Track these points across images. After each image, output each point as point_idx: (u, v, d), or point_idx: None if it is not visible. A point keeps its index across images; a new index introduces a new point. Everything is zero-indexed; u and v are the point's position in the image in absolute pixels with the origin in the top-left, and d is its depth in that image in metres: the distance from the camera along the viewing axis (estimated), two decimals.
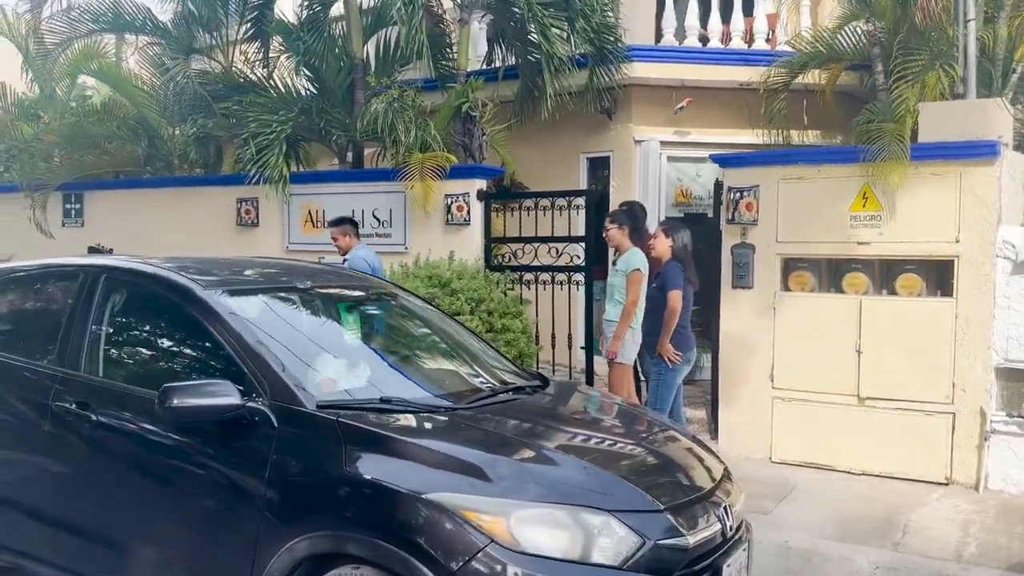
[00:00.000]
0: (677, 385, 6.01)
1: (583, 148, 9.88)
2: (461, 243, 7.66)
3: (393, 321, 4.50)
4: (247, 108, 8.25)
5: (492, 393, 3.83)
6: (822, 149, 6.85)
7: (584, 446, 3.45)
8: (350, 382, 3.64)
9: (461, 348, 4.49)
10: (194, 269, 4.01)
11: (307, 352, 3.68)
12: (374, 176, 8.13)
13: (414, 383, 3.83)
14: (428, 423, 3.36)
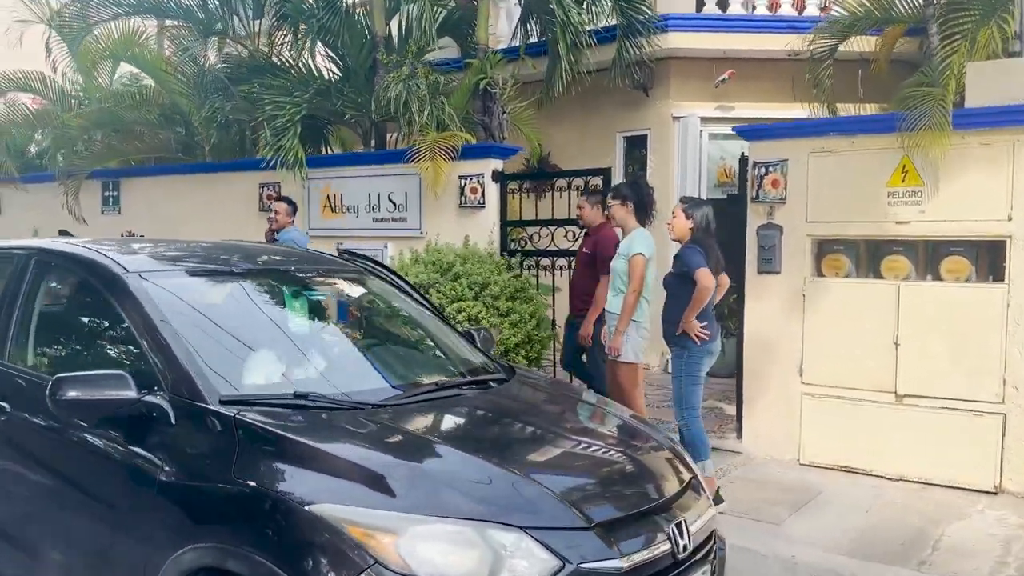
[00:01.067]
0: (701, 379, 5.19)
1: (619, 126, 9.37)
2: (475, 227, 7.27)
3: (353, 307, 4.15)
4: (264, 90, 8.03)
5: (437, 388, 3.44)
6: (856, 118, 6.19)
7: (515, 450, 3.03)
8: (271, 375, 3.30)
9: (424, 337, 4.14)
10: (126, 251, 3.77)
11: (226, 341, 3.35)
12: (388, 158, 7.81)
13: (348, 375, 3.45)
14: (338, 422, 2.98)
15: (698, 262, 4.94)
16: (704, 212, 5.12)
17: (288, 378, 3.29)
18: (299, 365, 3.41)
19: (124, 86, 10.81)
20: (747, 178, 6.06)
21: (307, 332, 3.73)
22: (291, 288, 3.88)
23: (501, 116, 7.83)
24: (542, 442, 3.16)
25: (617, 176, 9.36)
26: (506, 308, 6.54)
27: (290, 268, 4.03)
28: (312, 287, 4.00)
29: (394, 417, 3.06)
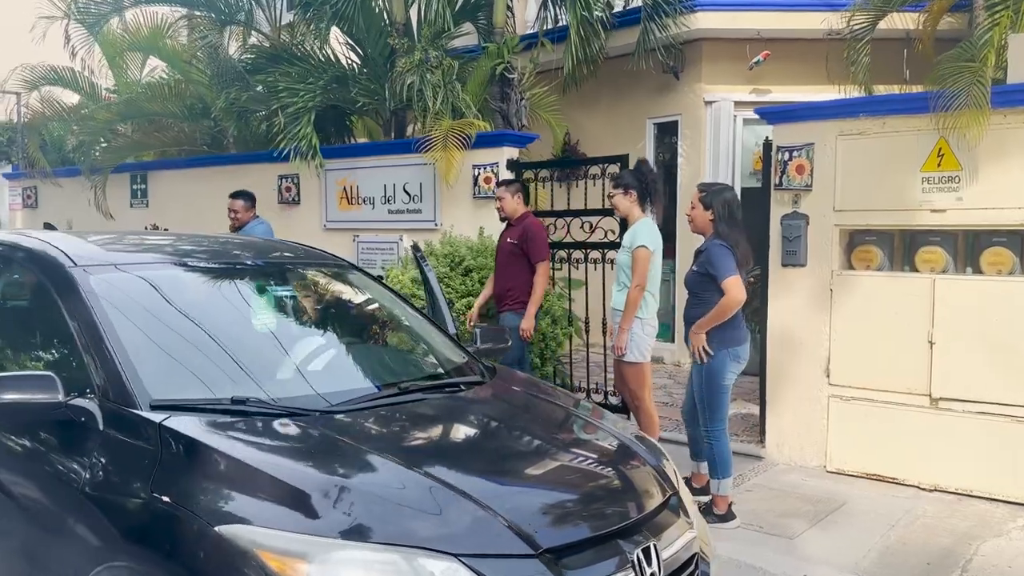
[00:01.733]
0: (727, 388, 4.60)
1: (649, 112, 8.99)
2: (491, 218, 6.97)
3: (327, 304, 3.91)
4: (279, 79, 7.86)
5: (400, 392, 3.17)
6: (887, 97, 5.72)
7: (464, 464, 2.73)
8: (217, 378, 3.06)
9: (401, 335, 3.90)
10: (83, 244, 3.59)
11: (172, 341, 3.13)
12: (403, 148, 7.55)
13: (305, 378, 3.21)
14: (273, 431, 2.74)
15: (728, 267, 4.41)
16: (725, 199, 4.58)
17: (236, 381, 3.05)
18: (252, 366, 3.16)
19: (152, 79, 10.76)
20: (771, 164, 5.66)
21: (268, 331, 3.48)
22: (256, 283, 3.66)
23: (519, 103, 7.53)
24: (497, 456, 2.86)
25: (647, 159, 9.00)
26: None
27: (259, 262, 3.79)
28: (280, 282, 3.77)
29: (337, 425, 2.79)
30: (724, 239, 4.51)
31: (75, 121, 10.35)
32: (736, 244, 4.53)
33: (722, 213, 4.56)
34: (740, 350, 4.58)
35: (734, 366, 4.58)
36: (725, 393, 4.61)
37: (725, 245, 4.49)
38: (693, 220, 4.72)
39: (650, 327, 5.13)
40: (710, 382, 4.60)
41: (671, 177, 8.94)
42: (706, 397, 4.64)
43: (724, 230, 4.54)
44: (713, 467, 4.61)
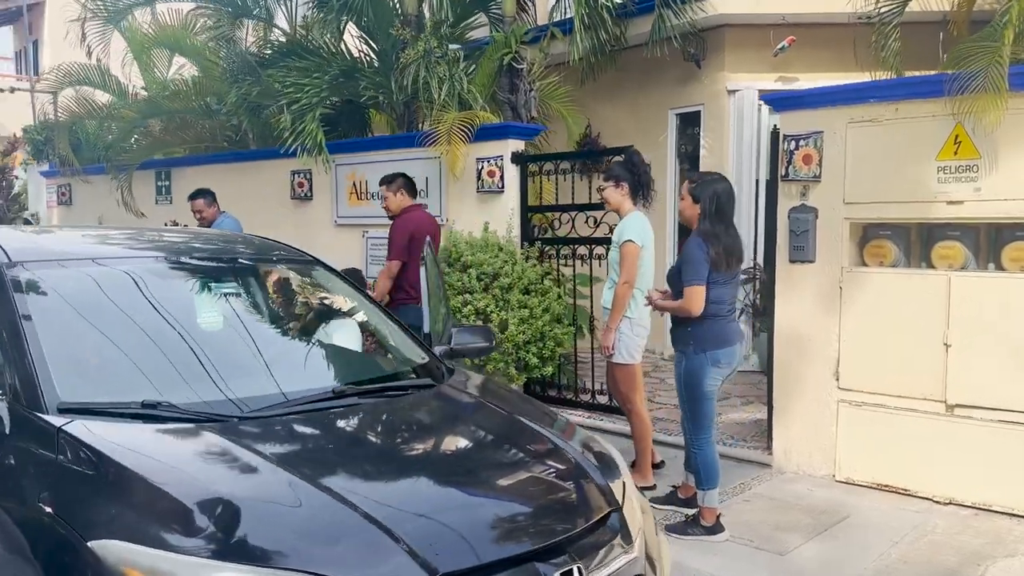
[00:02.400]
0: (708, 394, 4.29)
1: (671, 103, 8.68)
2: (494, 213, 6.78)
3: (277, 301, 3.76)
4: (287, 73, 7.75)
5: (335, 396, 2.98)
6: (899, 81, 5.34)
7: (373, 479, 2.53)
8: (139, 380, 2.92)
9: (357, 335, 3.72)
10: (23, 239, 3.52)
11: (97, 341, 3.00)
12: (409, 141, 7.39)
13: (235, 379, 3.03)
14: (176, 438, 2.58)
15: (694, 273, 4.15)
16: (714, 192, 4.26)
17: (158, 383, 2.91)
18: (178, 368, 3.01)
19: (176, 78, 10.79)
20: (777, 154, 5.33)
21: (206, 330, 3.34)
22: (201, 280, 3.51)
23: (528, 94, 7.30)
24: (415, 469, 2.65)
25: (666, 156, 8.72)
26: (517, 301, 6.03)
27: (208, 258, 3.65)
28: (228, 279, 3.61)
29: (246, 434, 2.62)
30: (705, 236, 4.22)
31: (101, 119, 10.42)
32: (717, 241, 4.19)
33: (709, 207, 4.25)
34: (722, 353, 4.26)
35: (714, 371, 4.27)
36: (706, 400, 4.33)
37: (702, 245, 4.20)
38: (682, 212, 4.46)
39: (640, 327, 4.89)
40: (688, 388, 4.33)
41: (695, 169, 8.60)
42: (686, 404, 4.38)
43: (707, 226, 4.24)
44: (699, 478, 4.34)
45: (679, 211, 4.51)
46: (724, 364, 4.30)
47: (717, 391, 4.39)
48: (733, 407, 6.77)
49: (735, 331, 4.37)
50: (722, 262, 4.19)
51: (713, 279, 4.21)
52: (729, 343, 4.29)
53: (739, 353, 4.39)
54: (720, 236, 4.21)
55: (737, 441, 5.85)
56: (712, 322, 4.25)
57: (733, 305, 4.39)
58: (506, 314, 5.97)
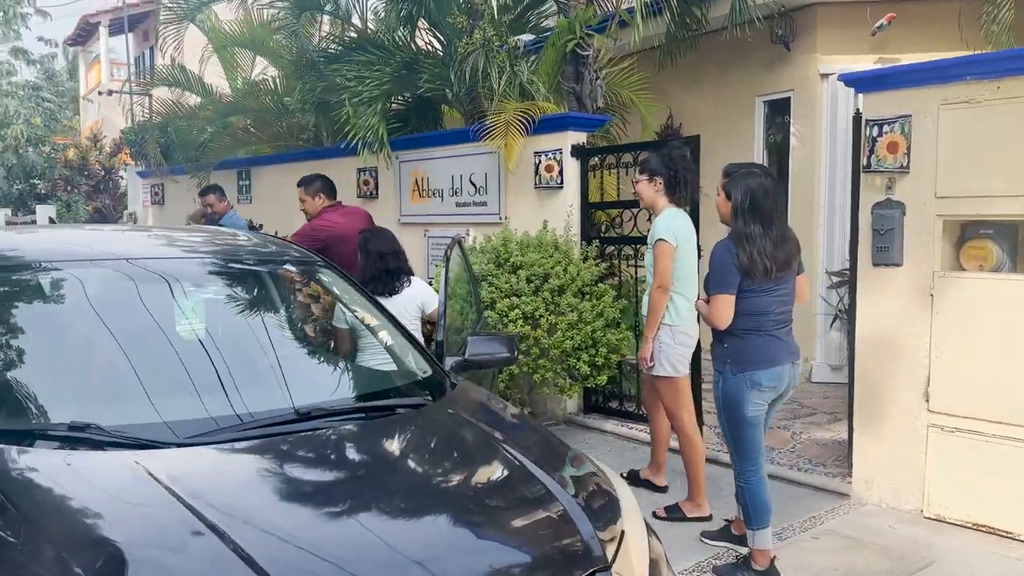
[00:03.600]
0: (752, 420, 3.73)
1: (759, 89, 7.99)
2: (553, 210, 6.33)
3: (264, 308, 3.43)
4: (350, 67, 7.52)
5: (301, 418, 2.62)
6: (1002, 54, 4.53)
7: (295, 525, 2.13)
8: (77, 396, 2.65)
9: (352, 345, 3.38)
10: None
11: (39, 352, 2.75)
12: (467, 136, 7.02)
13: (193, 398, 2.71)
14: (92, 466, 2.28)
15: (719, 282, 3.65)
16: (747, 187, 3.69)
17: (102, 401, 2.64)
18: (128, 384, 2.73)
19: (257, 78, 10.78)
20: (859, 142, 4.68)
21: (172, 340, 3.03)
22: (174, 284, 3.20)
23: (595, 83, 6.81)
24: (353, 513, 2.23)
25: (753, 147, 8.04)
26: (568, 305, 5.57)
27: (186, 259, 3.35)
28: (210, 281, 3.30)
29: (171, 463, 2.29)
30: (736, 238, 3.67)
31: (184, 120, 10.51)
32: (749, 243, 3.62)
33: (741, 204, 3.67)
34: (764, 375, 3.68)
35: (754, 395, 3.70)
36: (749, 427, 3.75)
37: (730, 248, 3.66)
38: (718, 209, 3.89)
39: (683, 335, 4.38)
40: (728, 414, 3.78)
41: (784, 162, 7.91)
42: (727, 432, 3.83)
43: (739, 226, 3.67)
44: (747, 515, 3.78)
45: (717, 207, 3.95)
46: (767, 387, 3.72)
47: (764, 417, 3.82)
48: (817, 425, 6.10)
49: (783, 349, 3.76)
50: (756, 268, 3.61)
51: (748, 288, 3.66)
52: (773, 362, 3.70)
53: (788, 374, 3.79)
54: (754, 238, 3.63)
55: (815, 466, 5.21)
56: (752, 338, 3.69)
57: (782, 318, 3.78)
58: (555, 318, 5.52)
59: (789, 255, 3.74)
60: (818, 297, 7.47)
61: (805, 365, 7.63)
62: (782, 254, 3.69)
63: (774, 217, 3.71)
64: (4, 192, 22.03)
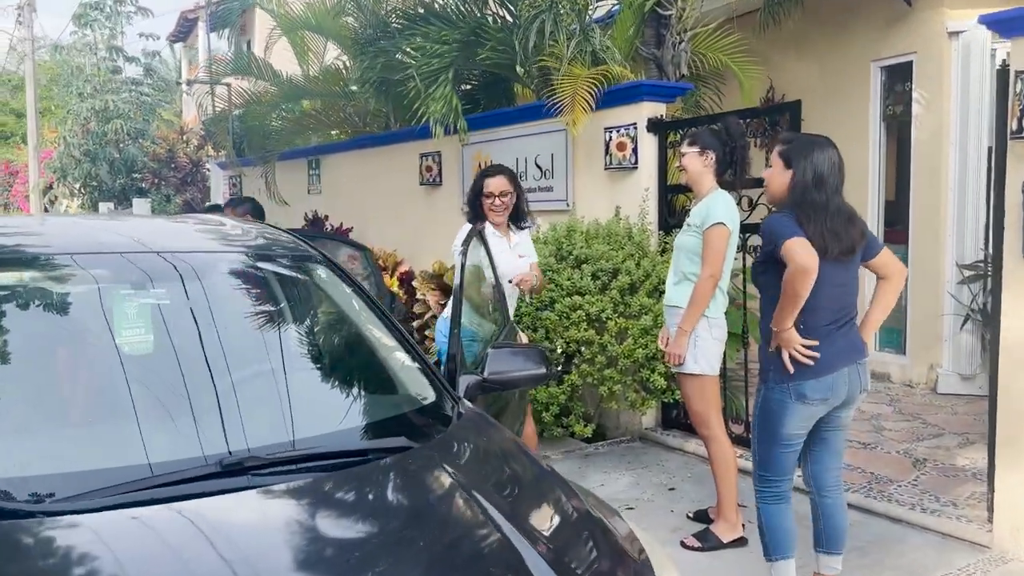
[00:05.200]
0: (784, 437, 3.07)
1: (874, 54, 6.91)
2: (626, 194, 5.49)
3: (235, 317, 2.74)
4: (412, 40, 6.85)
5: (224, 471, 1.94)
6: None
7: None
8: None
9: (342, 366, 2.67)
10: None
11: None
12: (532, 113, 6.24)
13: (64, 443, 2.05)
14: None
15: (786, 229, 2.95)
16: (814, 158, 3.01)
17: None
18: (27, 420, 2.09)
19: (328, 65, 10.27)
20: (1006, 100, 3.67)
21: (96, 360, 2.36)
22: (123, 285, 2.55)
23: (678, 47, 5.91)
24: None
25: (868, 121, 6.97)
26: (640, 306, 4.74)
27: (147, 254, 2.68)
28: (165, 281, 2.62)
29: (27, 535, 1.64)
30: (797, 207, 2.99)
31: (250, 107, 10.09)
32: (815, 215, 2.96)
33: (804, 176, 3.00)
34: (810, 386, 3.00)
35: (799, 410, 3.04)
36: (782, 446, 3.10)
37: (786, 215, 3.01)
38: (768, 183, 3.17)
39: (719, 329, 3.81)
40: (762, 428, 3.15)
41: (905, 138, 6.83)
42: (755, 445, 3.20)
43: (798, 196, 2.99)
44: (763, 543, 3.21)
45: (765, 184, 3.20)
46: (815, 400, 3.03)
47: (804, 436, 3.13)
48: (945, 450, 5.07)
49: (839, 352, 3.04)
50: (814, 244, 2.92)
51: None
52: (825, 369, 3.00)
53: (847, 381, 3.06)
54: (818, 212, 2.97)
55: (943, 505, 4.21)
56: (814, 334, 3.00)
57: (842, 314, 3.07)
58: (625, 321, 4.70)
59: (853, 239, 3.04)
60: (946, 294, 6.38)
61: (930, 373, 6.56)
62: (846, 236, 3.01)
63: (840, 197, 3.05)
64: (108, 186, 22.56)
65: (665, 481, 4.69)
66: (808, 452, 3.24)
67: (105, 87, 22.36)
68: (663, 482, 4.68)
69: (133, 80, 22.77)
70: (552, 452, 5.15)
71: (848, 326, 3.07)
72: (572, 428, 5.00)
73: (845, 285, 3.06)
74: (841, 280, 3.04)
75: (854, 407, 3.17)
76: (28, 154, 24.65)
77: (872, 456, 4.93)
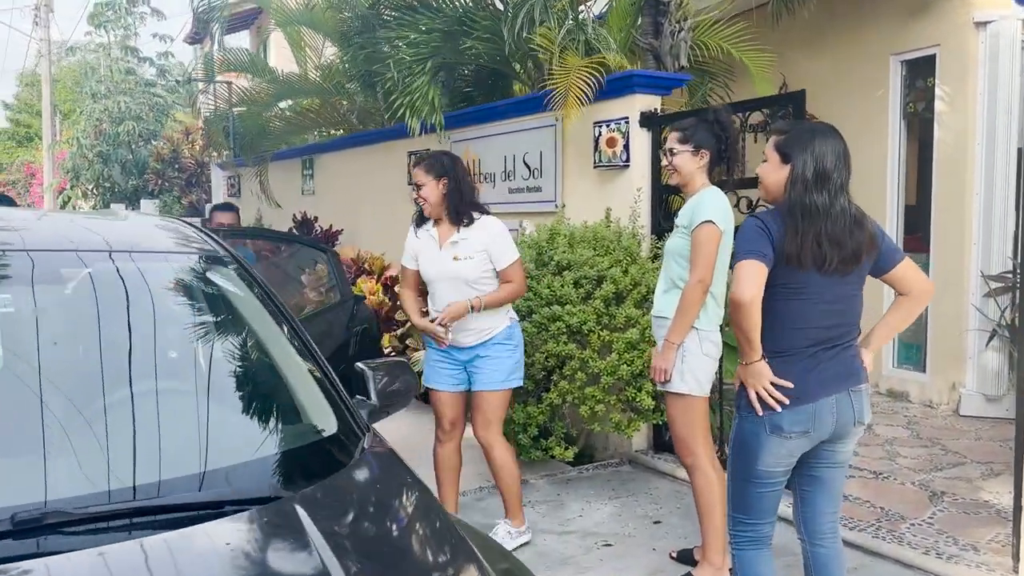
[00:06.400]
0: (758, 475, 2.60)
1: (895, 47, 6.42)
2: (618, 195, 5.04)
3: (116, 329, 2.31)
4: (397, 31, 6.45)
5: (22, 528, 1.52)
6: None
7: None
8: None
9: (226, 390, 2.23)
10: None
11: None
12: (519, 108, 5.82)
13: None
14: None
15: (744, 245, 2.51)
16: (815, 149, 2.52)
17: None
18: None
19: (325, 61, 9.91)
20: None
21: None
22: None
23: (677, 36, 5.45)
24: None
25: (887, 119, 6.47)
26: (626, 318, 4.29)
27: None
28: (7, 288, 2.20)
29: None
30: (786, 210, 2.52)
31: (244, 106, 9.75)
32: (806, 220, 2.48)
33: (803, 170, 2.51)
34: (788, 417, 2.53)
35: (775, 444, 2.56)
36: (759, 485, 2.64)
37: (768, 224, 2.51)
38: (763, 180, 2.68)
39: (711, 344, 3.31)
40: (736, 460, 2.68)
41: (926, 138, 6.32)
42: (729, 480, 2.74)
43: (797, 195, 2.50)
44: None
45: (759, 180, 2.70)
46: (794, 433, 2.55)
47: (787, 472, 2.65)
48: (967, 481, 4.56)
49: (825, 379, 2.57)
50: (805, 253, 2.47)
51: (784, 283, 2.53)
52: (805, 397, 2.53)
53: (836, 411, 2.57)
54: (815, 213, 2.49)
55: (962, 548, 3.70)
56: (776, 362, 2.54)
57: (835, 333, 2.59)
58: (609, 334, 4.25)
59: (859, 247, 2.55)
60: (970, 307, 5.87)
61: (952, 393, 6.03)
62: (851, 243, 2.53)
63: (846, 195, 2.56)
64: (121, 187, 22.48)
65: (651, 512, 4.22)
66: (798, 492, 2.77)
67: (118, 88, 22.26)
68: (648, 513, 4.21)
69: (147, 82, 22.67)
70: (531, 475, 4.70)
71: (842, 348, 2.59)
72: (552, 451, 4.55)
73: (844, 301, 2.58)
74: (839, 295, 2.56)
75: (851, 441, 2.67)
76: (43, 154, 24.66)
77: (883, 488, 4.43)
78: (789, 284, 2.52)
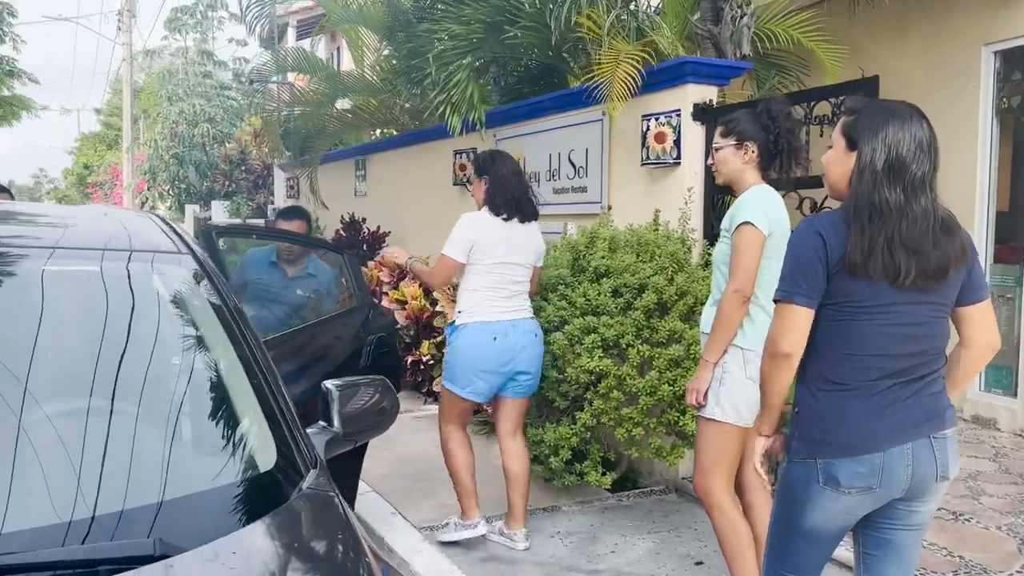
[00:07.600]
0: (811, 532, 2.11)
1: (988, 36, 5.80)
2: (667, 195, 4.59)
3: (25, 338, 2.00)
4: (439, 24, 6.11)
5: None
6: None
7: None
8: None
9: (152, 418, 1.89)
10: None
11: None
12: (565, 102, 5.41)
13: None
14: None
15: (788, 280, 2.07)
16: (890, 139, 2.01)
17: None
18: None
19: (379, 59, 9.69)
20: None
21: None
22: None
23: (739, 21, 4.96)
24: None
25: (978, 114, 5.84)
26: (669, 332, 3.83)
27: None
28: None
29: None
30: (850, 211, 2.02)
31: (297, 107, 9.58)
32: (873, 222, 1.99)
33: (873, 160, 2.01)
34: (843, 467, 2.04)
35: (828, 496, 2.07)
36: (800, 537, 2.15)
37: (816, 232, 2.03)
38: (826, 172, 2.17)
39: (755, 366, 2.73)
40: (781, 507, 2.20)
41: (1022, 136, 5.68)
42: (772, 527, 2.24)
43: (864, 190, 2.00)
44: None
45: (824, 169, 2.19)
46: (854, 489, 2.05)
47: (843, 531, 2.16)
48: (1000, 513, 3.96)
49: (897, 423, 2.04)
50: (875, 263, 1.98)
51: (846, 300, 2.04)
52: (869, 445, 2.03)
53: (903, 468, 2.05)
54: (886, 214, 1.99)
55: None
56: (833, 399, 2.07)
57: (911, 364, 2.06)
58: (650, 349, 3.80)
59: (945, 258, 2.02)
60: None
61: (1006, 416, 5.39)
62: (935, 252, 2.00)
63: (930, 194, 2.03)
64: (196, 189, 22.87)
65: (693, 551, 3.76)
66: (861, 555, 2.25)
67: (194, 91, 22.66)
68: (690, 552, 3.75)
69: (222, 85, 23.02)
70: (565, 502, 4.29)
71: (924, 383, 2.07)
72: (586, 476, 4.12)
73: (927, 325, 2.05)
74: (919, 317, 2.04)
75: (932, 500, 2.13)
76: (122, 155, 25.32)
77: (963, 533, 3.87)
78: (854, 299, 2.02)
